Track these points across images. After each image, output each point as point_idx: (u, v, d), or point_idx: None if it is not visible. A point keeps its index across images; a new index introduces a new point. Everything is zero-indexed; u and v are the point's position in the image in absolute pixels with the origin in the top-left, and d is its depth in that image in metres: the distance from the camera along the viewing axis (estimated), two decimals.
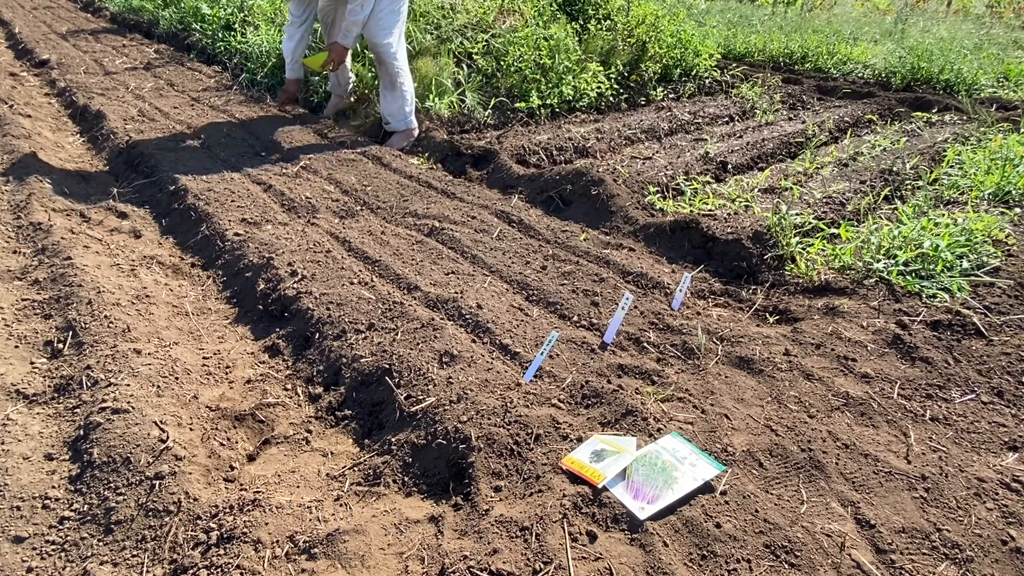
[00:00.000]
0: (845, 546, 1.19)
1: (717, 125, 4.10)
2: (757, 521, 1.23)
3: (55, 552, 1.17)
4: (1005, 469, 1.40)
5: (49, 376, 1.61)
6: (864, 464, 1.39)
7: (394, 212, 2.65)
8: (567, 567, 1.12)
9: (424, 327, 1.75)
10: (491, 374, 1.57)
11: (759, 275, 2.21)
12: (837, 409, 1.57)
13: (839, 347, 1.79)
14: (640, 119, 4.00)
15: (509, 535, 1.18)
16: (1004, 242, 2.24)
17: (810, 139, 3.71)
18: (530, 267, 2.20)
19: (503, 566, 1.12)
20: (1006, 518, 1.28)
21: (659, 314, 1.94)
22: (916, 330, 1.83)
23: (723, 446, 1.41)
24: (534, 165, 3.28)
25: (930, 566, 1.18)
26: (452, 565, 1.13)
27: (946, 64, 5.09)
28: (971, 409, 1.58)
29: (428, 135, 3.53)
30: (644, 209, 2.68)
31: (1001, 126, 3.85)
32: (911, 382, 1.66)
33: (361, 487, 1.35)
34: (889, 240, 2.23)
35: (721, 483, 1.31)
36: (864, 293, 2.04)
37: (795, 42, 6.14)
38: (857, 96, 4.92)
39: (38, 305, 1.87)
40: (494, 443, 1.37)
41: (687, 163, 3.19)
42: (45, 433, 1.43)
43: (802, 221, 2.39)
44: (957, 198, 2.76)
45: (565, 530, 1.18)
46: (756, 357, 1.74)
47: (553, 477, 1.30)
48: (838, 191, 2.78)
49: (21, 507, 1.23)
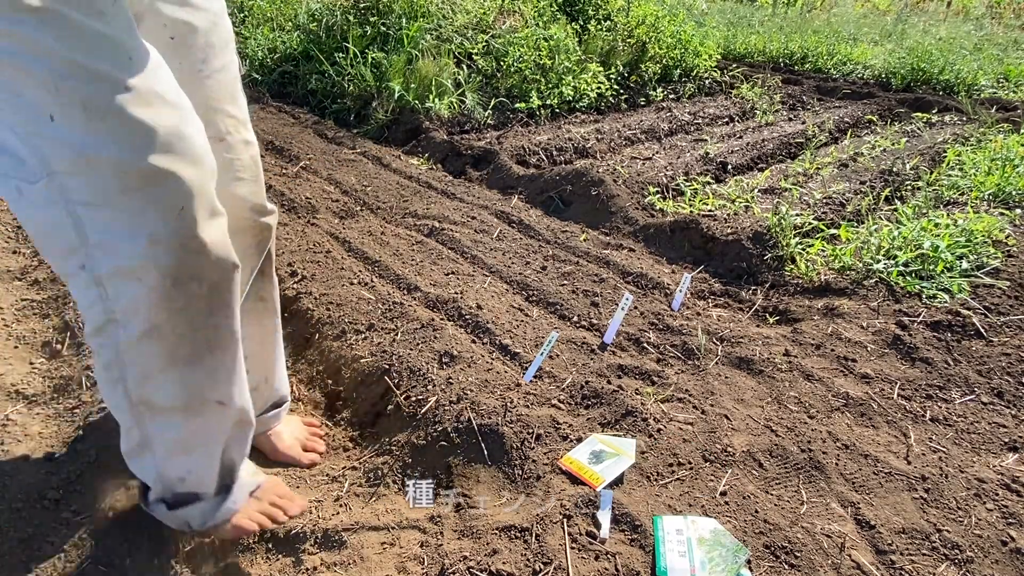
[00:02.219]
0: (845, 546, 1.19)
1: (717, 126, 4.10)
2: (757, 521, 1.23)
3: (55, 552, 1.17)
4: (1005, 470, 1.40)
5: (49, 376, 1.61)
6: (864, 465, 1.39)
7: (394, 212, 2.65)
8: (567, 568, 1.12)
9: (424, 327, 1.75)
10: (491, 374, 1.57)
11: (759, 275, 2.21)
12: (837, 410, 1.57)
13: (839, 347, 1.79)
14: (640, 119, 4.00)
15: (509, 536, 1.18)
16: (1004, 243, 2.24)
17: (810, 140, 3.71)
18: (530, 267, 2.20)
19: (503, 566, 1.12)
20: (1006, 519, 1.28)
21: (659, 314, 1.94)
22: (916, 331, 1.83)
23: (723, 446, 1.41)
24: (534, 165, 3.28)
25: (930, 567, 1.18)
26: (452, 565, 1.13)
27: (946, 65, 5.09)
28: (971, 410, 1.58)
29: (428, 135, 3.53)
30: (644, 209, 2.68)
31: (1001, 127, 3.85)
32: (911, 383, 1.66)
33: (361, 487, 1.35)
34: (889, 241, 2.23)
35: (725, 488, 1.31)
36: (864, 294, 2.04)
37: (795, 43, 6.15)
38: (857, 97, 4.93)
39: (37, 305, 1.87)
40: (494, 443, 1.36)
41: (687, 163, 3.19)
42: (45, 433, 1.43)
43: (802, 222, 2.39)
44: (957, 199, 2.76)
45: (565, 531, 1.18)
46: (756, 358, 1.74)
47: (553, 478, 1.30)
48: (838, 192, 2.78)
49: (21, 507, 1.23)
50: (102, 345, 0.90)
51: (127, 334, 0.87)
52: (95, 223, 0.80)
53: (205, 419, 0.99)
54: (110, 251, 0.82)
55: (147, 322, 0.87)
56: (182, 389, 0.94)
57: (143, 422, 0.95)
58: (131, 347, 0.89)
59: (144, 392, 0.92)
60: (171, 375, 0.92)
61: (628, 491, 1.29)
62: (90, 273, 0.83)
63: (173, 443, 0.98)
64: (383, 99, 3.83)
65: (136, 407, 0.94)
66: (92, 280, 0.84)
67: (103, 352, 0.90)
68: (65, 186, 0.78)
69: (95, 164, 0.77)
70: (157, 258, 0.83)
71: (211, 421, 1.00)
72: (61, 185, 0.78)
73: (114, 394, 0.94)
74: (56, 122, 0.74)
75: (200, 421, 0.98)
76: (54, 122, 0.74)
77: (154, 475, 1.02)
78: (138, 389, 0.92)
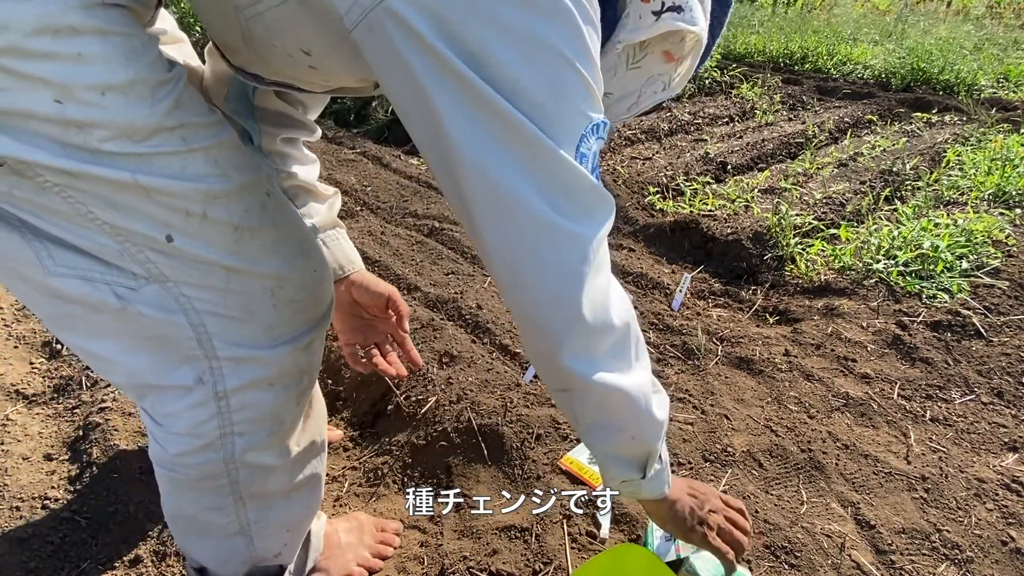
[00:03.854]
0: (845, 546, 1.19)
1: (717, 125, 4.10)
2: (757, 521, 1.23)
3: (54, 553, 1.17)
4: (1005, 470, 1.40)
5: (48, 376, 1.61)
6: (864, 464, 1.39)
7: (394, 212, 2.65)
8: (567, 568, 1.12)
9: (424, 327, 1.75)
10: (491, 374, 1.57)
11: (759, 276, 2.21)
12: (837, 410, 1.57)
13: (839, 347, 1.79)
14: (640, 119, 4.00)
15: (509, 536, 1.18)
16: (1004, 243, 2.24)
17: (810, 140, 3.71)
18: None
19: (503, 566, 1.12)
20: (1006, 519, 1.28)
21: (659, 314, 1.94)
22: (916, 331, 1.83)
23: (723, 446, 1.41)
24: None
25: (930, 566, 1.18)
26: (452, 565, 1.13)
27: (946, 65, 5.08)
28: (971, 410, 1.58)
29: None
30: (644, 209, 2.68)
31: (1001, 127, 3.85)
32: (911, 382, 1.66)
33: (361, 487, 1.35)
34: (889, 241, 2.23)
35: (721, 484, 1.31)
36: (864, 294, 2.04)
37: (795, 43, 6.14)
38: (857, 96, 4.92)
39: None
40: (494, 443, 1.37)
41: (687, 163, 3.19)
42: (45, 433, 1.43)
43: (802, 222, 2.39)
44: (957, 199, 2.76)
45: (565, 531, 1.18)
46: (756, 358, 1.74)
47: (553, 477, 1.30)
48: (838, 192, 2.78)
49: (21, 507, 1.23)
50: (208, 461, 0.79)
51: (245, 442, 0.80)
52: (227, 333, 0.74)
53: (310, 490, 0.95)
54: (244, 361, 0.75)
55: (279, 423, 0.82)
56: (296, 472, 0.90)
57: (244, 512, 0.87)
58: (250, 452, 0.81)
59: (256, 488, 0.85)
60: (287, 463, 0.87)
61: None
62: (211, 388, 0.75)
63: (276, 524, 0.92)
64: (383, 99, 3.83)
65: (242, 500, 0.85)
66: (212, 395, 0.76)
67: (207, 467, 0.80)
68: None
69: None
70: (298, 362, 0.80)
71: (315, 492, 0.97)
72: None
73: (210, 499, 0.84)
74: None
75: (305, 493, 0.94)
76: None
77: (243, 557, 0.92)
78: (250, 487, 0.84)
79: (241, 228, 0.71)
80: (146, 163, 0.63)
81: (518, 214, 0.61)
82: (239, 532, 0.88)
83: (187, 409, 0.75)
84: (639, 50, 0.74)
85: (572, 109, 0.62)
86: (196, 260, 0.69)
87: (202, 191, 0.67)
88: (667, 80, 0.79)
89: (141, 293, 0.69)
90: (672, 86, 0.80)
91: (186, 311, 0.71)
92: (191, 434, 0.77)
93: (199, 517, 0.85)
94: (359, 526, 1.17)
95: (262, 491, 0.86)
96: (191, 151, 0.66)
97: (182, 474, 0.80)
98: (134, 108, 0.61)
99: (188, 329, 0.72)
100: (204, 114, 0.68)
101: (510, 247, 0.64)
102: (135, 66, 0.60)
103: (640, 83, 0.77)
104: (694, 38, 0.74)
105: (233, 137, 0.72)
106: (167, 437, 0.77)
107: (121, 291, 0.68)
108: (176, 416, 0.76)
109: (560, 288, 0.65)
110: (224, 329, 0.73)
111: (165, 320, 0.70)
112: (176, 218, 0.66)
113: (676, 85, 0.80)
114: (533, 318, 0.67)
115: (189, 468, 0.79)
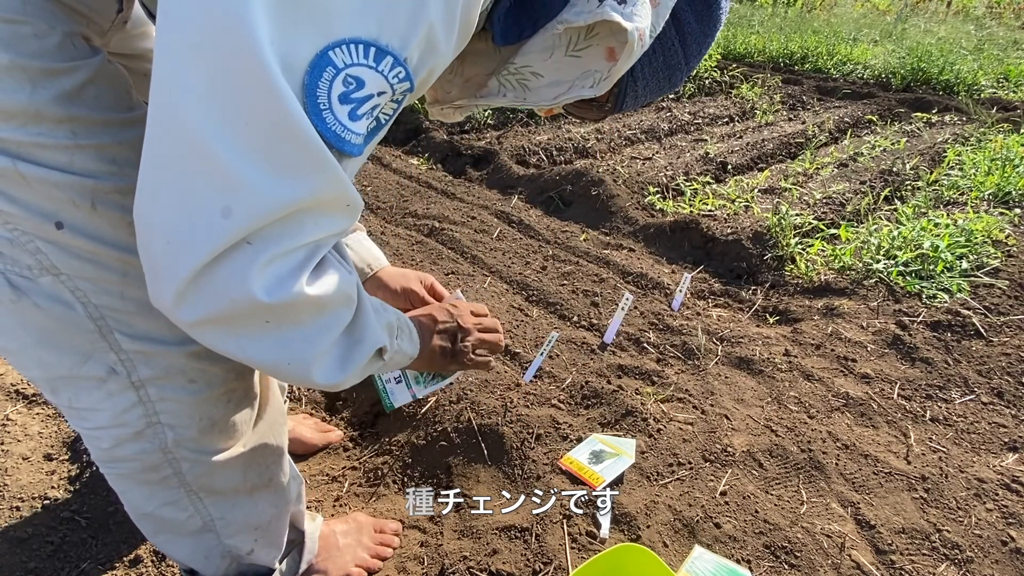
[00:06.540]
0: (845, 546, 1.19)
1: (717, 125, 4.10)
2: (757, 521, 1.23)
3: (54, 553, 1.17)
4: (1005, 470, 1.40)
5: None
6: (864, 464, 1.39)
7: (394, 212, 2.65)
8: (567, 567, 1.12)
9: None
10: (491, 374, 1.57)
11: (759, 275, 2.21)
12: (837, 409, 1.57)
13: (839, 347, 1.79)
14: (640, 119, 4.00)
15: (509, 536, 1.18)
16: (1004, 243, 2.24)
17: (810, 139, 3.71)
18: (530, 267, 2.20)
19: (503, 566, 1.12)
20: (1006, 519, 1.28)
21: (659, 314, 1.94)
22: (916, 331, 1.83)
23: (723, 446, 1.41)
24: (534, 165, 3.28)
25: (930, 566, 1.18)
26: (452, 565, 1.13)
27: (946, 65, 5.08)
28: (971, 410, 1.58)
29: (428, 135, 3.53)
30: (644, 209, 2.68)
31: (1001, 127, 3.85)
32: (911, 382, 1.66)
33: (361, 487, 1.35)
34: (889, 241, 2.23)
35: (721, 483, 1.31)
36: (864, 294, 2.04)
37: (795, 43, 6.14)
38: (857, 96, 4.93)
39: None
40: (494, 443, 1.36)
41: (687, 163, 3.19)
42: (45, 433, 1.43)
43: (802, 222, 2.39)
44: (957, 199, 2.76)
45: (565, 530, 1.18)
46: (756, 357, 1.74)
47: (553, 477, 1.30)
48: (838, 191, 2.78)
49: (21, 507, 1.23)
50: (143, 451, 0.78)
51: (176, 435, 0.79)
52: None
53: (274, 493, 0.94)
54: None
55: (208, 420, 0.80)
56: (250, 473, 0.89)
57: (203, 507, 0.87)
58: (183, 445, 0.80)
59: (206, 482, 0.84)
60: (234, 462, 0.85)
61: (628, 491, 1.29)
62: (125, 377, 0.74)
63: (242, 522, 0.92)
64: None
65: (195, 494, 0.85)
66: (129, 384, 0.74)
67: (144, 458, 0.79)
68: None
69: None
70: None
71: (281, 495, 0.96)
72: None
73: (162, 493, 0.83)
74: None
75: (269, 495, 0.93)
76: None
77: (219, 553, 0.92)
78: (199, 480, 0.84)
79: None
80: (26, 151, 0.61)
81: (179, 130, 0.52)
82: (204, 528, 0.88)
83: (105, 399, 0.74)
84: (583, 39, 0.71)
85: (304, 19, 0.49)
86: (89, 252, 0.67)
87: (88, 186, 0.64)
88: (599, 77, 0.74)
89: (38, 284, 0.67)
90: (600, 85, 0.75)
91: (84, 304, 0.69)
92: (116, 424, 0.75)
93: (158, 514, 0.84)
94: (357, 527, 1.18)
95: (212, 486, 0.85)
96: (80, 147, 0.63)
97: (124, 468, 0.80)
98: (10, 92, 0.59)
99: (88, 322, 0.70)
100: (111, 111, 0.65)
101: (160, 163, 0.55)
102: (15, 52, 0.59)
103: (575, 74, 0.74)
104: (633, 41, 0.70)
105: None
106: (96, 432, 0.76)
107: (17, 280, 0.66)
108: (96, 409, 0.74)
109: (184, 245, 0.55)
110: (123, 325, 0.71)
111: (64, 313, 0.68)
112: (63, 208, 0.64)
113: (604, 85, 0.75)
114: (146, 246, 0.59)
115: (128, 460, 0.79)
